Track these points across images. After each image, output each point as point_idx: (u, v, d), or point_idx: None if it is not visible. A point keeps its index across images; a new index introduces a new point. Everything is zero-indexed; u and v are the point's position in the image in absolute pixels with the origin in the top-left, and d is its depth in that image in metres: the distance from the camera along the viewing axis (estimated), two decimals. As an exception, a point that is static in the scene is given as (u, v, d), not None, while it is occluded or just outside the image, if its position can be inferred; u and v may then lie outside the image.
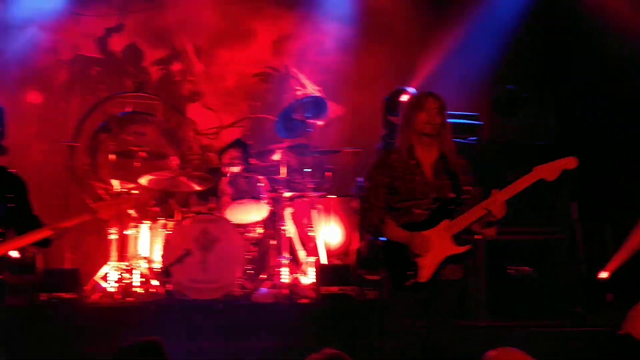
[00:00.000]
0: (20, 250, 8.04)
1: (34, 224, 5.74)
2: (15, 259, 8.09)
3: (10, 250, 5.67)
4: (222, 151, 10.17)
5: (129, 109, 10.82)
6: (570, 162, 5.48)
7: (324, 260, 9.35)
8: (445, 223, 5.50)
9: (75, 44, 11.09)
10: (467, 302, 8.07)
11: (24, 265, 8.28)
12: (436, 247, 5.47)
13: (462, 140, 8.33)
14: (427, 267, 5.46)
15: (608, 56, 9.72)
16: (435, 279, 5.49)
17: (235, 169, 9.47)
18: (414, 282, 5.47)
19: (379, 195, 5.61)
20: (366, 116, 10.77)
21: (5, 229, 5.74)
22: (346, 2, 11.18)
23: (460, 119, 8.74)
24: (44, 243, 5.78)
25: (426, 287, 5.49)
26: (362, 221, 5.71)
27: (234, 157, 9.84)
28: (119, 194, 5.93)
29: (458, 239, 5.53)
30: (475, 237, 5.83)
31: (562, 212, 8.26)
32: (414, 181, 5.56)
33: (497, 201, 5.44)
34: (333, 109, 11.01)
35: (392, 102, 9.10)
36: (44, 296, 8.48)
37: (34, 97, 10.90)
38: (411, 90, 9.12)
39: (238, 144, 10.20)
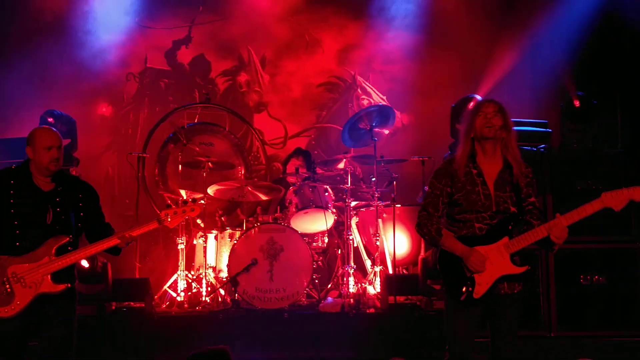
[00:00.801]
0: (90, 259, 8.27)
1: (105, 232, 5.84)
2: (86, 268, 8.30)
3: (81, 258, 5.77)
4: (286, 161, 10.24)
5: (196, 120, 10.95)
6: (637, 193, 5.32)
7: (390, 269, 9.31)
8: (505, 240, 5.41)
9: (144, 56, 11.29)
10: (538, 312, 7.96)
11: (94, 274, 8.41)
12: (493, 265, 5.39)
13: (532, 148, 8.22)
14: (482, 283, 5.39)
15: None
16: (492, 293, 5.42)
17: (301, 179, 9.50)
18: (468, 296, 5.42)
19: (439, 205, 5.57)
20: (433, 125, 10.70)
21: (77, 238, 5.83)
22: (412, 10, 11.14)
23: (529, 126, 8.62)
24: (115, 251, 5.87)
25: (482, 301, 5.43)
26: (419, 228, 5.63)
27: (297, 165, 9.89)
28: (185, 202, 5.94)
29: (516, 256, 5.45)
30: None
31: (633, 220, 8.08)
32: (474, 192, 5.48)
33: (560, 225, 5.33)
34: (399, 117, 10.99)
35: (459, 110, 9.01)
36: (114, 305, 8.63)
37: (104, 110, 11.13)
38: (478, 97, 9.03)
39: (299, 152, 10.25)
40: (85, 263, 8.31)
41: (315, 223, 9.28)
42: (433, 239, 5.55)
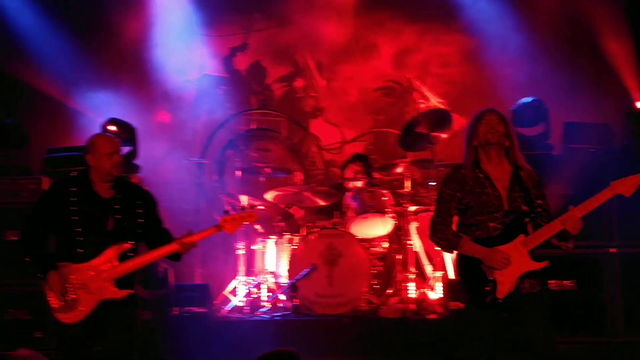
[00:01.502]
0: (152, 265, 8.36)
1: (164, 237, 5.89)
2: (148, 274, 8.40)
3: (143, 264, 5.81)
4: (344, 166, 10.22)
5: (253, 126, 11.00)
6: None
7: (451, 274, 9.22)
8: (521, 238, 5.40)
9: (202, 63, 11.37)
10: (604, 317, 7.84)
11: (156, 280, 8.49)
12: (514, 263, 5.36)
13: (595, 150, 8.09)
14: (505, 283, 5.35)
15: None
16: (515, 293, 5.37)
17: (359, 184, 9.48)
18: (492, 298, 5.35)
19: (451, 210, 5.57)
20: (491, 128, 10.57)
21: (137, 244, 5.89)
22: (468, 13, 11.03)
23: (592, 128, 8.50)
24: (175, 257, 5.91)
25: (505, 303, 5.38)
26: (434, 235, 5.62)
27: (356, 171, 9.87)
28: (243, 209, 5.97)
29: (534, 253, 5.42)
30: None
31: None
32: (484, 194, 5.48)
33: (574, 217, 5.31)
34: (457, 121, 10.89)
35: (519, 114, 8.92)
36: (175, 310, 8.69)
37: (163, 117, 11.24)
38: (539, 101, 8.91)
39: (358, 157, 10.22)
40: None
41: (374, 228, 9.25)
42: (450, 243, 5.54)
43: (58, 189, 5.88)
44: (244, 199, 9.23)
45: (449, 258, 9.30)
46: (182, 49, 11.11)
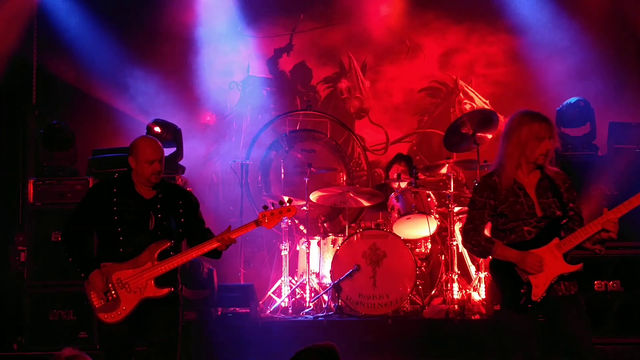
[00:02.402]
0: (197, 266, 8.42)
1: (206, 237, 5.90)
2: (193, 274, 8.46)
3: (183, 262, 5.85)
4: (388, 166, 10.22)
5: (298, 127, 11.04)
6: None
7: (495, 275, 9.16)
8: (556, 241, 5.34)
9: (247, 65, 11.44)
10: (633, 318, 7.76)
11: (200, 280, 8.55)
12: (548, 266, 5.30)
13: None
14: (540, 285, 5.30)
15: None
16: (550, 296, 5.32)
17: (403, 184, 9.45)
18: (527, 300, 5.31)
19: (484, 217, 5.52)
20: (537, 128, 10.49)
21: (179, 243, 5.94)
22: (514, 13, 10.94)
23: (637, 128, 8.38)
24: (215, 255, 5.91)
25: (540, 306, 5.33)
26: (467, 242, 5.56)
27: (400, 171, 9.85)
28: (281, 203, 5.97)
29: (568, 256, 5.35)
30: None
31: None
32: (518, 203, 5.42)
33: (610, 220, 5.23)
34: (502, 121, 10.81)
35: (565, 114, 8.83)
36: (219, 311, 8.75)
37: (208, 118, 11.33)
38: (585, 101, 8.81)
39: (401, 157, 10.21)
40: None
41: (418, 229, 9.23)
42: (484, 249, 5.48)
43: (100, 190, 5.94)
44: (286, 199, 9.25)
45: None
46: (227, 50, 11.22)
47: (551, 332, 5.41)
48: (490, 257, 5.51)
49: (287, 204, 5.95)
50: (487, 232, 5.59)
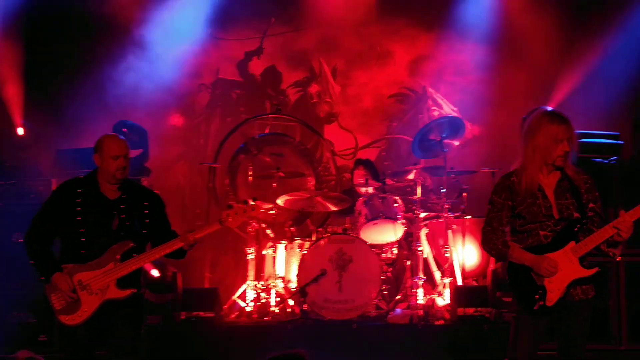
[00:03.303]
0: (161, 269, 8.38)
1: (170, 239, 5.85)
2: (156, 278, 8.42)
3: (145, 262, 5.81)
4: (351, 173, 10.27)
5: (267, 131, 11.03)
6: None
7: (460, 281, 9.22)
8: (572, 245, 5.33)
9: (216, 68, 11.42)
10: (608, 325, 7.81)
11: (164, 284, 8.51)
12: (563, 270, 5.30)
13: (603, 160, 8.06)
14: (554, 290, 5.31)
15: None
16: (564, 300, 5.33)
17: (370, 189, 9.48)
18: (541, 305, 5.33)
19: (502, 219, 5.49)
20: (504, 136, 10.62)
21: (143, 244, 5.90)
22: (484, 22, 11.03)
23: (601, 138, 8.47)
24: (179, 255, 5.87)
25: (554, 310, 5.34)
26: (485, 244, 5.57)
27: (361, 176, 9.89)
28: (245, 202, 5.92)
29: (585, 260, 5.36)
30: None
31: None
32: (535, 205, 5.40)
33: (626, 222, 5.22)
34: (470, 129, 10.89)
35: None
36: (183, 315, 8.72)
37: (176, 120, 11.28)
38: (550, 110, 8.89)
39: (358, 163, 10.26)
40: (155, 272, 8.43)
41: (385, 234, 9.25)
42: (500, 252, 5.47)
43: (64, 191, 5.90)
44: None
45: (457, 265, 9.31)
46: (197, 52, 11.16)
47: (552, 329, 5.42)
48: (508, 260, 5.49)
49: (252, 203, 5.91)
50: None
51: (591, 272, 5.34)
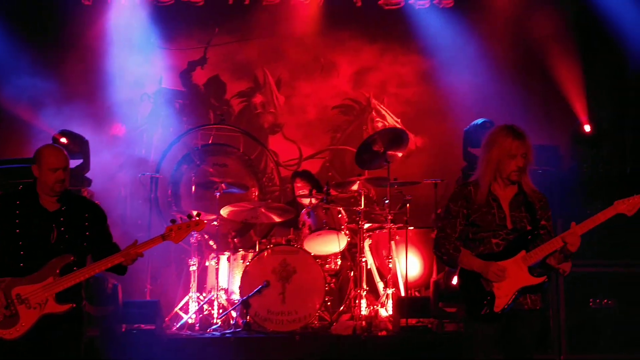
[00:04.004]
0: (101, 281, 8.24)
1: (112, 252, 5.75)
2: (96, 290, 8.28)
3: (85, 277, 5.70)
4: (291, 184, 10.27)
5: (210, 141, 10.96)
6: None
7: (402, 292, 9.26)
8: (522, 254, 5.41)
9: (159, 77, 11.33)
10: (548, 335, 7.90)
11: (104, 296, 8.39)
12: (512, 277, 5.37)
13: (543, 172, 8.18)
14: (502, 296, 5.37)
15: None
16: (514, 309, 5.39)
17: (313, 200, 9.47)
18: (489, 311, 5.37)
19: (456, 226, 5.57)
20: (446, 147, 10.76)
21: (83, 258, 5.79)
22: (426, 35, 11.15)
23: (540, 150, 8.58)
24: (121, 270, 5.80)
25: (503, 317, 5.40)
26: (437, 250, 5.63)
27: (300, 188, 9.90)
28: (189, 217, 5.87)
29: (534, 270, 5.42)
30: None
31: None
32: (490, 214, 5.49)
33: (575, 234, 5.32)
34: (413, 140, 10.97)
35: (471, 134, 9.01)
36: (123, 327, 8.59)
37: (118, 130, 11.14)
38: (491, 123, 9.00)
39: (295, 175, 10.27)
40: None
41: (328, 245, 9.25)
42: (451, 257, 5.52)
43: (2, 203, 5.77)
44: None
45: (400, 275, 9.35)
46: (140, 62, 11.07)
47: (502, 338, 5.44)
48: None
49: (196, 218, 5.84)
50: None
51: (539, 281, 5.41)
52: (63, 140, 8.87)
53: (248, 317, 8.60)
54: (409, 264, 9.20)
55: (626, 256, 8.01)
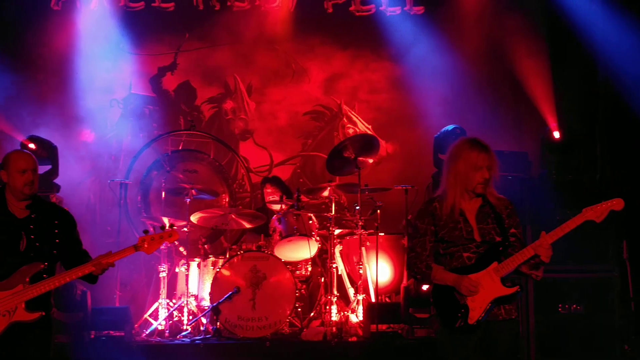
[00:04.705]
0: (69, 287, 8.18)
1: (82, 260, 5.73)
2: (65, 296, 8.21)
3: (56, 286, 5.66)
4: (261, 190, 10.26)
5: (180, 147, 10.92)
6: (617, 204, 5.37)
7: (373, 298, 9.27)
8: (494, 265, 5.43)
9: (129, 83, 11.27)
10: (517, 341, 7.91)
11: (73, 303, 8.33)
12: (485, 289, 5.39)
13: (513, 178, 8.23)
14: (476, 308, 5.40)
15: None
16: (488, 320, 5.42)
17: (284, 206, 9.47)
18: (463, 323, 5.39)
19: (426, 244, 5.58)
20: (417, 154, 10.80)
21: (53, 265, 5.75)
22: (397, 41, 11.20)
23: (510, 157, 8.65)
24: (91, 279, 5.77)
25: (478, 328, 5.42)
26: (410, 270, 5.69)
27: (270, 194, 9.90)
28: (162, 228, 5.85)
29: (507, 280, 5.44)
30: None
31: (612, 250, 8.13)
32: (457, 229, 5.50)
33: (546, 243, 5.35)
34: (384, 146, 11.00)
35: (442, 141, 9.05)
36: (92, 334, 8.54)
37: (87, 136, 11.07)
38: (461, 129, 9.06)
39: (265, 181, 10.28)
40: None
41: (299, 251, 9.25)
42: (424, 275, 5.54)
43: (-29, 210, 5.72)
44: (167, 221, 9.11)
45: (371, 281, 9.36)
46: (109, 67, 11.03)
47: (478, 348, 5.46)
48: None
49: (169, 229, 5.82)
50: None
51: (512, 291, 5.42)
52: (31, 146, 8.81)
53: (218, 324, 8.57)
54: (380, 270, 9.21)
55: (595, 262, 8.09)
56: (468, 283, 5.36)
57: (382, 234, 9.44)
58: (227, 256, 9.05)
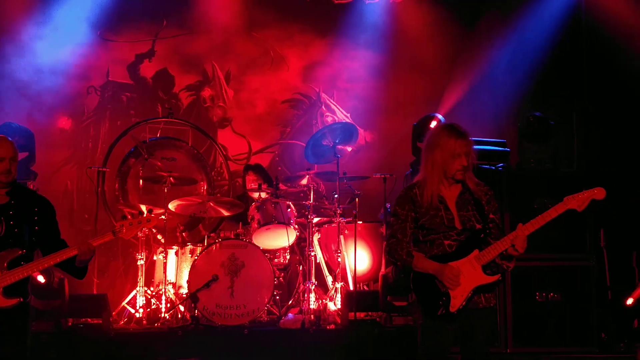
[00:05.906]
0: (47, 275, 8.14)
1: (60, 248, 5.70)
2: (42, 284, 8.18)
3: (34, 271, 5.63)
4: (242, 178, 10.23)
5: (158, 135, 10.87)
6: (598, 193, 5.40)
7: (351, 286, 9.30)
8: (475, 253, 5.43)
9: (106, 70, 11.22)
10: (494, 328, 7.98)
11: (50, 290, 8.29)
12: (467, 277, 5.39)
13: (490, 167, 8.26)
14: (458, 296, 5.39)
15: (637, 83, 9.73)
16: (468, 307, 5.42)
17: (263, 194, 9.46)
18: (444, 311, 5.41)
19: (406, 230, 5.56)
20: (395, 142, 10.83)
21: (31, 252, 5.72)
22: (377, 29, 11.21)
23: (488, 145, 8.67)
24: (79, 274, 5.76)
25: (458, 316, 5.43)
26: (390, 256, 5.62)
27: (252, 181, 9.88)
28: (140, 213, 5.83)
29: (488, 268, 5.46)
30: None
31: (589, 239, 8.19)
32: (438, 216, 5.49)
33: (523, 234, 5.36)
34: (362, 135, 11.02)
35: (421, 129, 9.06)
36: (70, 321, 8.51)
37: (64, 123, 11.00)
38: (440, 117, 9.08)
39: (247, 168, 10.27)
40: (41, 278, 8.20)
41: (277, 239, 9.24)
42: (405, 262, 5.51)
43: (-51, 197, 5.68)
44: (145, 209, 9.09)
45: (349, 269, 9.39)
46: (86, 54, 10.95)
47: (458, 336, 5.48)
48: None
49: (147, 214, 5.80)
50: None
51: (494, 279, 5.42)
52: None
53: (196, 312, 8.55)
54: (358, 258, 9.21)
55: (572, 250, 8.14)
56: (449, 272, 5.34)
57: (361, 222, 9.46)
58: (205, 244, 9.03)
